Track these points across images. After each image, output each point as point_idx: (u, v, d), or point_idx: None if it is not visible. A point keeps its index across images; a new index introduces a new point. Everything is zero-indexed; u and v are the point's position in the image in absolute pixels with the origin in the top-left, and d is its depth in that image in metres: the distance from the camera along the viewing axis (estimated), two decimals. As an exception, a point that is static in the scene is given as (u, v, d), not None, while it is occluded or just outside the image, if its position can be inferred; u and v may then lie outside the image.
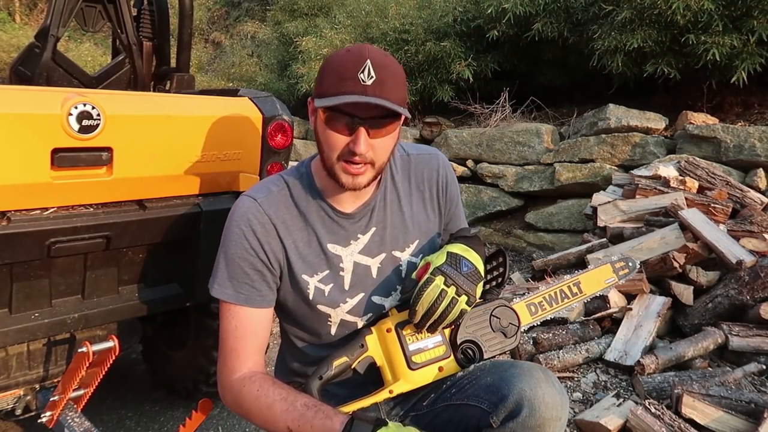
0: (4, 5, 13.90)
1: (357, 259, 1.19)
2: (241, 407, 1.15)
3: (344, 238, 1.19)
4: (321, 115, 1.08)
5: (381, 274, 1.21)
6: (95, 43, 12.02)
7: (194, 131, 1.74)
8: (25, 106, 1.44)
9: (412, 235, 1.24)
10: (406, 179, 1.26)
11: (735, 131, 3.92)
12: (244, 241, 1.14)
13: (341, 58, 1.05)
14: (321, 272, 1.18)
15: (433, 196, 1.28)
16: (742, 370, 2.39)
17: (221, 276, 1.17)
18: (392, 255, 1.22)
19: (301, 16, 8.98)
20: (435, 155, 1.31)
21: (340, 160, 1.08)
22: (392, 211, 1.23)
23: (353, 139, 1.05)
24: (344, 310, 1.20)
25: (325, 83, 1.06)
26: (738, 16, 4.05)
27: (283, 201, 1.18)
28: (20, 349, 1.77)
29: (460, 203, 1.35)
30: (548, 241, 4.50)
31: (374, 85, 1.02)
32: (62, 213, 1.57)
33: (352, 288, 1.19)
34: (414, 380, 1.13)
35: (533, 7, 4.94)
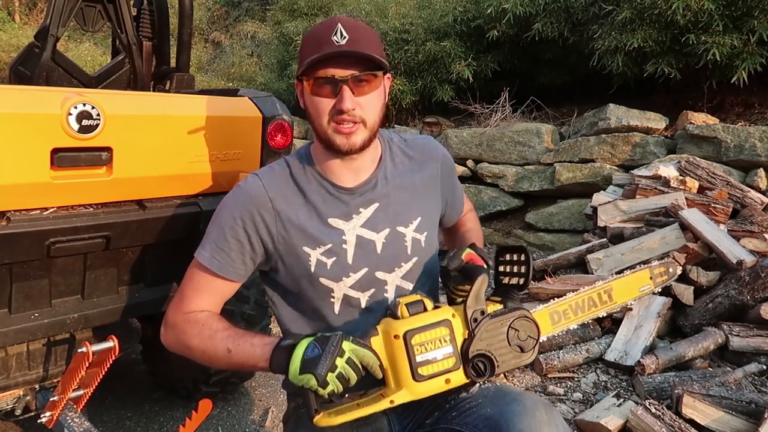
0: (4, 5, 13.89)
1: (360, 232, 1.20)
2: (181, 341, 1.17)
3: (345, 213, 1.20)
4: (307, 88, 1.14)
5: (385, 249, 1.20)
6: (95, 42, 12.02)
7: (194, 131, 1.74)
8: (24, 106, 1.44)
9: (415, 212, 1.25)
10: (405, 159, 1.29)
11: (735, 131, 3.91)
12: (235, 210, 1.19)
13: (314, 29, 1.15)
14: (323, 245, 1.18)
15: (433, 175, 1.29)
16: (743, 370, 2.39)
17: (205, 240, 1.22)
18: (396, 230, 1.22)
19: (301, 16, 8.98)
20: (430, 139, 1.37)
21: (330, 123, 1.12)
22: (394, 186, 1.24)
23: (338, 98, 1.10)
24: (347, 284, 1.19)
25: (304, 53, 1.12)
26: (738, 15, 4.04)
27: (284, 178, 1.23)
28: (20, 349, 1.76)
29: (458, 183, 1.40)
30: (548, 241, 4.50)
31: (348, 43, 1.08)
32: (62, 213, 1.57)
33: (355, 262, 1.19)
34: (418, 392, 1.07)
35: (533, 7, 4.93)
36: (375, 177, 1.23)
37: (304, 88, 1.16)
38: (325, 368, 0.98)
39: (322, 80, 1.10)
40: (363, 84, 1.12)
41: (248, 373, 2.44)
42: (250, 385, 2.68)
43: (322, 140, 1.17)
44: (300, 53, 1.15)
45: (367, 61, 1.10)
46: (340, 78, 1.09)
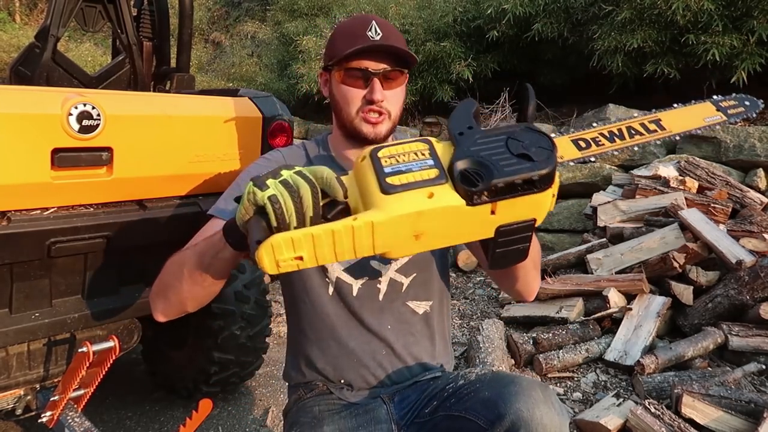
0: (4, 5, 13.90)
1: None
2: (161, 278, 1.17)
3: None
4: (337, 77, 1.19)
5: None
6: (95, 43, 12.02)
7: (194, 131, 1.74)
8: (25, 106, 1.44)
9: None
10: None
11: (735, 131, 3.92)
12: (253, 170, 1.22)
13: (348, 23, 1.21)
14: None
15: None
16: (742, 370, 2.39)
17: (221, 198, 1.26)
18: None
19: (301, 16, 8.99)
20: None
21: (359, 113, 1.18)
22: None
23: (369, 89, 1.16)
24: (341, 267, 1.21)
25: (336, 46, 1.18)
26: (738, 16, 4.05)
27: (300, 156, 1.30)
28: (20, 349, 1.77)
29: None
30: (548, 241, 4.50)
31: (382, 40, 1.14)
32: (62, 213, 1.57)
33: None
34: (391, 207, 0.80)
35: (533, 7, 4.94)
36: None
37: (332, 77, 1.21)
38: (267, 175, 0.83)
39: (354, 71, 1.16)
40: (391, 78, 1.17)
41: (248, 372, 2.44)
42: (250, 385, 2.68)
43: (346, 129, 1.21)
44: (331, 45, 1.21)
45: (397, 57, 1.16)
46: (373, 70, 1.15)
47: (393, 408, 1.22)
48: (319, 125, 7.38)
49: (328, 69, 1.22)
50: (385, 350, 1.24)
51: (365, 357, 1.23)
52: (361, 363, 1.23)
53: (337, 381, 1.24)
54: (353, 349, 1.23)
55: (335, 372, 1.24)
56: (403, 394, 1.23)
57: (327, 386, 1.25)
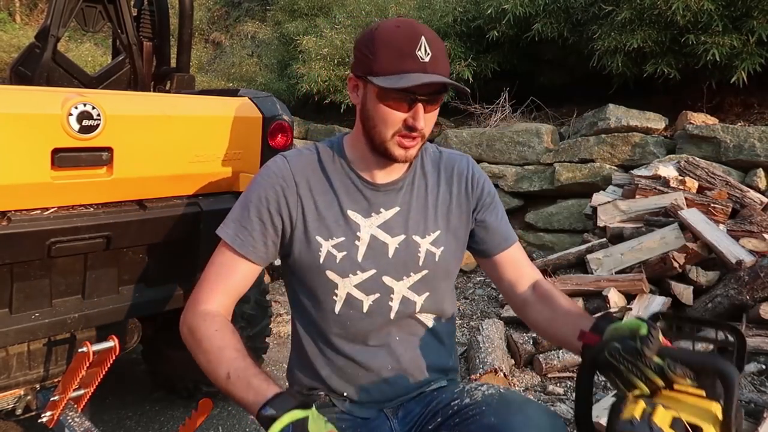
0: (5, 5, 13.90)
1: (375, 233, 1.17)
2: (194, 337, 1.13)
3: (366, 209, 1.18)
4: (375, 93, 1.09)
5: (397, 255, 1.18)
6: (95, 43, 12.02)
7: (194, 131, 1.74)
8: (25, 106, 1.44)
9: (434, 225, 1.21)
10: (435, 170, 1.26)
11: (735, 131, 3.92)
12: (261, 190, 1.17)
13: (393, 33, 1.07)
14: (336, 238, 1.16)
15: (461, 192, 1.25)
16: (742, 370, 2.39)
17: (229, 217, 1.20)
18: (412, 239, 1.19)
19: (301, 16, 8.99)
20: (466, 157, 1.31)
21: (395, 136, 1.10)
22: (418, 195, 1.22)
23: (412, 114, 1.07)
24: (353, 282, 1.16)
25: (381, 60, 1.06)
26: (738, 16, 4.05)
27: (311, 163, 1.21)
28: (20, 349, 1.77)
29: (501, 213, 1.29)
30: (548, 241, 4.51)
31: (431, 61, 1.05)
32: (62, 213, 1.57)
33: (364, 260, 1.16)
34: None
35: (533, 7, 4.94)
36: (402, 181, 1.21)
37: (368, 90, 1.11)
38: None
39: (401, 94, 1.06)
40: (434, 102, 1.10)
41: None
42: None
43: (375, 146, 1.14)
44: (369, 53, 1.08)
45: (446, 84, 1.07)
46: (420, 96, 1.06)
47: (396, 424, 1.19)
48: (319, 125, 7.38)
49: (364, 78, 1.11)
50: (391, 365, 1.20)
51: (371, 372, 1.19)
52: (367, 377, 1.19)
53: (340, 393, 1.20)
54: (359, 363, 1.19)
55: (339, 383, 1.20)
56: (408, 407, 1.20)
57: (329, 397, 1.21)
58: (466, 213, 1.25)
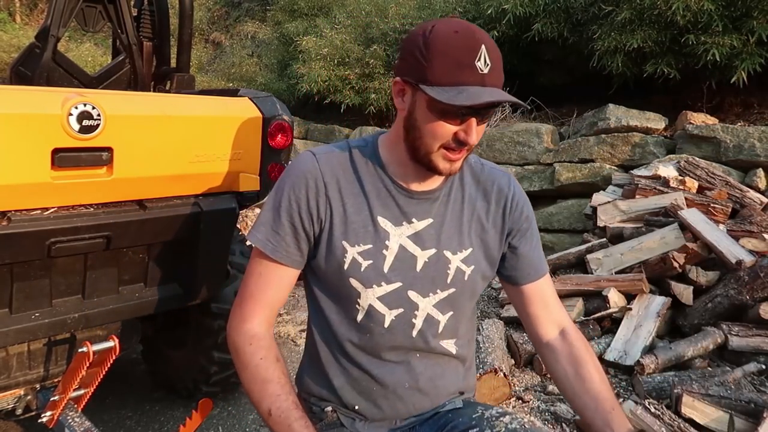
0: (5, 5, 13.90)
1: (405, 243, 1.11)
2: (239, 359, 1.13)
3: (397, 217, 1.11)
4: (425, 101, 1.00)
5: (425, 270, 1.11)
6: (95, 43, 12.02)
7: (194, 131, 1.74)
8: (25, 106, 1.44)
9: (467, 242, 1.15)
10: (474, 184, 1.18)
11: (734, 131, 3.92)
12: (291, 193, 1.11)
13: (451, 39, 0.97)
14: (363, 245, 1.09)
15: (498, 211, 1.18)
16: (742, 369, 2.39)
17: (259, 221, 1.14)
18: (443, 254, 1.12)
19: (301, 16, 8.99)
20: (508, 175, 1.24)
21: (442, 148, 1.02)
22: (453, 208, 1.15)
23: (464, 128, 1.00)
24: (376, 294, 1.10)
25: (436, 69, 0.96)
26: (738, 16, 4.05)
27: (342, 163, 1.13)
28: (21, 349, 1.77)
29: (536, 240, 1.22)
30: (548, 241, 4.51)
31: (490, 73, 0.96)
32: (62, 213, 1.57)
33: (391, 272, 1.10)
34: None
35: (533, 7, 4.94)
36: (439, 191, 1.13)
37: (416, 96, 1.02)
38: None
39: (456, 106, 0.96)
40: (487, 116, 1.03)
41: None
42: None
43: (418, 157, 1.06)
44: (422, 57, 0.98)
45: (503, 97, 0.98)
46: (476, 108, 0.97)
47: None
48: (319, 125, 7.38)
49: (414, 85, 1.01)
50: (408, 383, 1.13)
51: (386, 388, 1.13)
52: (381, 393, 1.13)
53: (352, 406, 1.15)
54: (374, 377, 1.13)
55: (351, 395, 1.14)
56: (420, 429, 1.16)
57: (338, 414, 1.16)
58: (500, 234, 1.18)
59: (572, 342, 1.18)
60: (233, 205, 1.90)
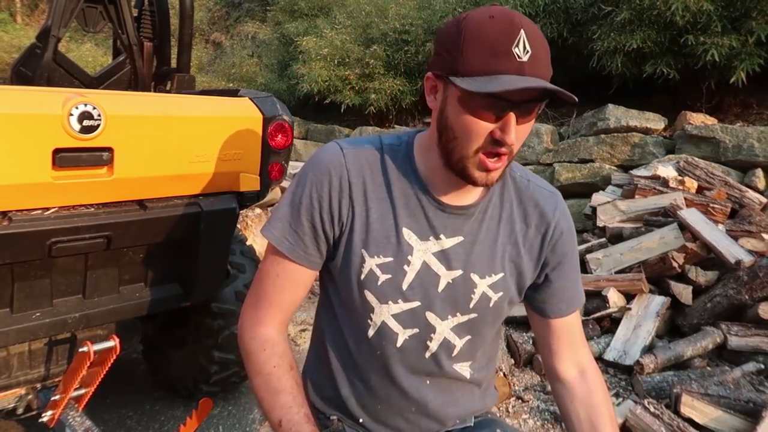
0: (6, 6, 13.92)
1: (428, 260, 1.00)
2: (250, 363, 1.06)
3: (424, 230, 1.00)
4: (457, 97, 0.87)
5: (447, 291, 1.01)
6: (96, 43, 12.04)
7: (194, 131, 1.75)
8: (26, 107, 1.45)
9: (499, 266, 1.03)
10: (516, 203, 1.05)
11: (734, 131, 3.92)
12: (313, 190, 0.99)
13: (485, 25, 0.84)
14: (383, 257, 0.99)
15: (537, 237, 1.05)
16: (741, 369, 2.40)
17: (276, 215, 1.04)
18: (469, 276, 1.01)
19: (302, 17, 9.00)
20: (556, 197, 1.09)
21: (478, 152, 0.89)
22: (488, 229, 1.02)
23: (501, 126, 0.86)
24: (391, 311, 1.01)
25: (469, 58, 0.84)
26: (737, 16, 4.06)
27: (371, 162, 1.01)
28: (21, 349, 1.77)
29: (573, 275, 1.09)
30: (548, 241, 4.51)
31: (531, 61, 0.83)
32: (63, 213, 1.57)
33: (409, 290, 1.00)
34: None
35: (533, 7, 4.95)
36: (474, 207, 1.01)
37: (449, 92, 0.89)
38: None
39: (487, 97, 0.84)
40: (530, 112, 0.88)
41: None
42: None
43: (452, 163, 0.92)
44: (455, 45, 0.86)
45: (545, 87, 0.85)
46: (514, 101, 0.85)
47: None
48: (319, 125, 7.39)
49: (445, 79, 0.88)
50: (415, 407, 1.06)
51: (392, 411, 1.06)
52: (386, 413, 1.07)
53: (356, 419, 1.09)
54: (380, 398, 1.06)
55: (356, 409, 1.08)
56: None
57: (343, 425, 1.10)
58: (536, 263, 1.06)
59: (591, 388, 1.09)
60: (233, 205, 1.90)
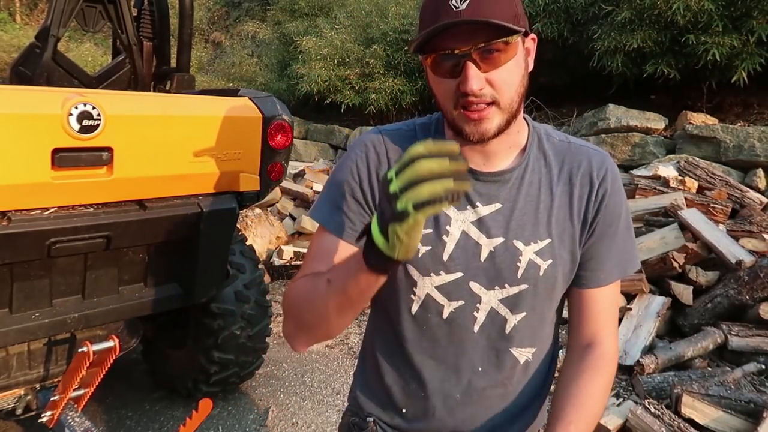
0: (5, 5, 13.91)
1: (467, 229, 0.99)
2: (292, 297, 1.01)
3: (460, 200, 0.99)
4: (426, 64, 0.93)
5: (491, 260, 0.98)
6: (95, 43, 12.03)
7: (194, 131, 1.74)
8: (25, 106, 1.44)
9: (544, 232, 1.00)
10: (557, 165, 1.03)
11: (734, 131, 3.92)
12: (354, 167, 1.02)
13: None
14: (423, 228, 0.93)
15: (583, 196, 1.01)
16: (742, 369, 2.40)
17: (322, 197, 1.05)
18: (512, 244, 0.99)
19: (302, 16, 9.00)
20: (603, 154, 1.06)
21: (457, 108, 0.91)
22: (529, 193, 1.00)
23: (462, 78, 0.88)
24: (434, 283, 0.99)
25: (421, 25, 0.90)
26: (738, 16, 4.05)
27: (406, 140, 1.03)
28: (21, 349, 1.77)
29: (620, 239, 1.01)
30: (548, 241, 4.51)
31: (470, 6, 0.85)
32: (62, 213, 1.57)
33: (450, 261, 0.98)
34: None
35: (533, 7, 4.95)
36: (510, 173, 1.00)
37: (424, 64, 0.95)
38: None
39: (441, 56, 0.88)
40: (493, 55, 0.88)
41: (248, 372, 2.44)
42: (250, 385, 2.68)
43: (450, 126, 0.96)
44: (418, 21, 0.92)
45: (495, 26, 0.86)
46: (461, 53, 0.87)
47: None
48: (319, 125, 7.39)
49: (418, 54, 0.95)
50: (461, 395, 1.01)
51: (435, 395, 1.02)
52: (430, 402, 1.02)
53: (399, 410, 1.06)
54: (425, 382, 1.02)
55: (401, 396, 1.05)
56: None
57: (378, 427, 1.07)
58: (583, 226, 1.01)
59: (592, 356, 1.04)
60: (233, 205, 1.90)
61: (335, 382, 2.82)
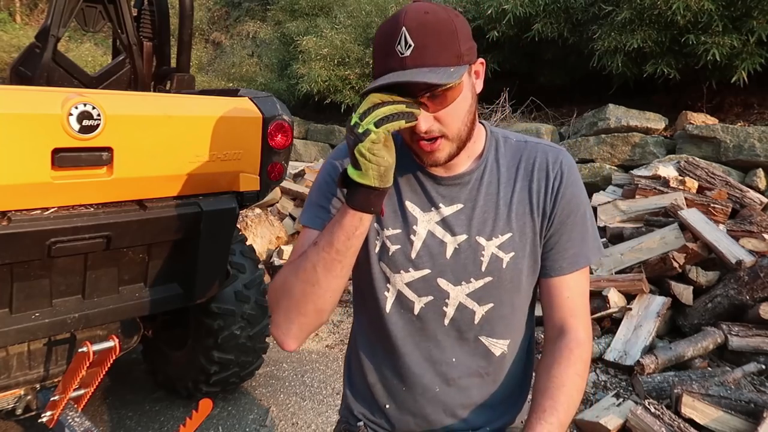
0: (5, 5, 13.92)
1: (432, 229, 1.06)
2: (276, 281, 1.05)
3: (425, 203, 1.07)
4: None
5: (456, 256, 1.05)
6: (95, 43, 12.04)
7: (194, 131, 1.74)
8: (25, 106, 1.44)
9: (505, 226, 1.05)
10: (513, 164, 1.09)
11: (734, 131, 3.92)
12: (331, 168, 1.10)
13: (380, 31, 0.94)
14: (393, 228, 1.07)
15: (540, 189, 1.07)
16: (742, 370, 2.40)
17: (306, 203, 1.12)
18: (475, 240, 1.05)
19: (302, 16, 9.00)
20: (558, 149, 1.12)
21: (413, 140, 0.98)
22: (488, 192, 1.07)
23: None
24: (404, 280, 1.06)
25: (375, 65, 0.95)
26: (738, 16, 4.05)
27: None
28: (21, 349, 1.77)
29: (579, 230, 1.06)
30: (548, 241, 4.51)
31: (413, 54, 0.89)
32: (63, 213, 1.57)
33: (418, 258, 1.05)
34: None
35: (533, 7, 4.95)
36: (468, 175, 1.06)
37: None
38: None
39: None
40: (439, 98, 0.94)
41: (248, 373, 2.44)
42: (250, 385, 2.69)
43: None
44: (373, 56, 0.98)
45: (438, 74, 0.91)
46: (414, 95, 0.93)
47: None
48: (319, 125, 7.39)
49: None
50: (439, 387, 1.06)
51: (415, 388, 1.07)
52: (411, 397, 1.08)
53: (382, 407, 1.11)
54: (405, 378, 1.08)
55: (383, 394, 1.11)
56: None
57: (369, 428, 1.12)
58: (543, 218, 1.07)
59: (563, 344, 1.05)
60: (233, 205, 1.90)
61: (335, 382, 2.81)
